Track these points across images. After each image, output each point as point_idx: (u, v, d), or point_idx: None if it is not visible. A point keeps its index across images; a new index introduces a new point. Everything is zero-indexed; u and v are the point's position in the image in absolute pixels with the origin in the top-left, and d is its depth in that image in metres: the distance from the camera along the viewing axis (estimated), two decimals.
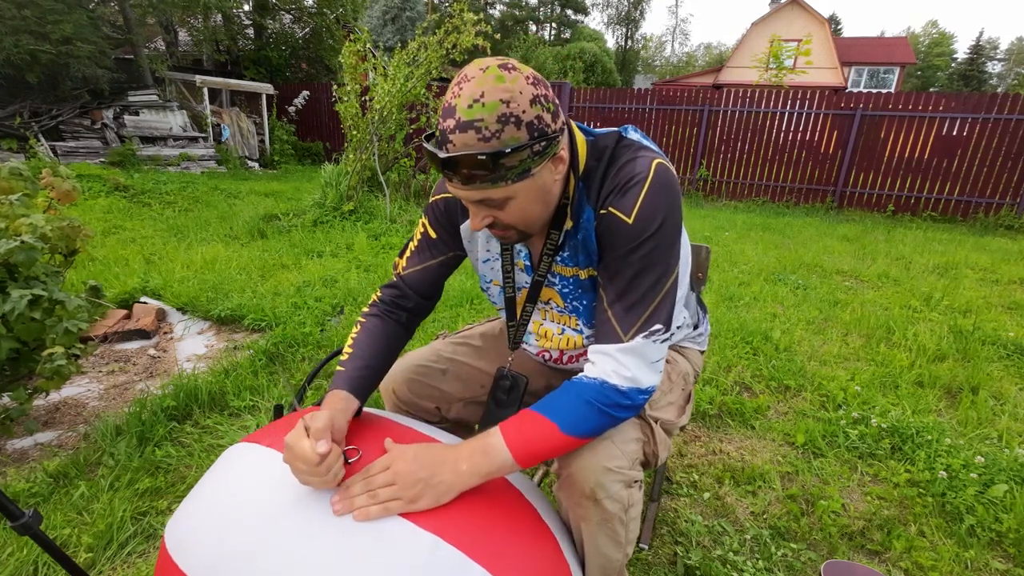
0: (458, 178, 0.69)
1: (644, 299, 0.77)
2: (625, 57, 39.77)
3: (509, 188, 0.71)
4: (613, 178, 0.80)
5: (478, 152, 0.65)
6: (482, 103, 0.65)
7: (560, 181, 0.79)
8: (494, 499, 0.75)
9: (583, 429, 0.75)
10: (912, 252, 4.91)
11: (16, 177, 1.83)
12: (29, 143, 6.99)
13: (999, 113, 6.73)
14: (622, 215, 0.77)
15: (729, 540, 1.39)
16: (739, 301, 3.29)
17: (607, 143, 0.82)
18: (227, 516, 0.70)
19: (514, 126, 0.66)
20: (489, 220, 0.77)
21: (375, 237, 4.49)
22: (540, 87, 0.69)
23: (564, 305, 0.93)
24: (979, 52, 48.49)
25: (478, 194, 0.72)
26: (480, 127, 0.65)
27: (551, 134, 0.70)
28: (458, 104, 0.66)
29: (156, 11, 10.14)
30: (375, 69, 5.40)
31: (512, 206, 0.74)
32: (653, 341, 0.77)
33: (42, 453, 1.66)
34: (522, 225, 0.79)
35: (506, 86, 0.66)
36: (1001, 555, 1.38)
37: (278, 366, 2.19)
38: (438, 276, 0.98)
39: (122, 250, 3.73)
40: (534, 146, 0.68)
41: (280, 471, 0.72)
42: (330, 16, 13.25)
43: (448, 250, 0.97)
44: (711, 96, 8.15)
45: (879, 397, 2.14)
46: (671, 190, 0.78)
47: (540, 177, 0.73)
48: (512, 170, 0.68)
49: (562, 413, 0.75)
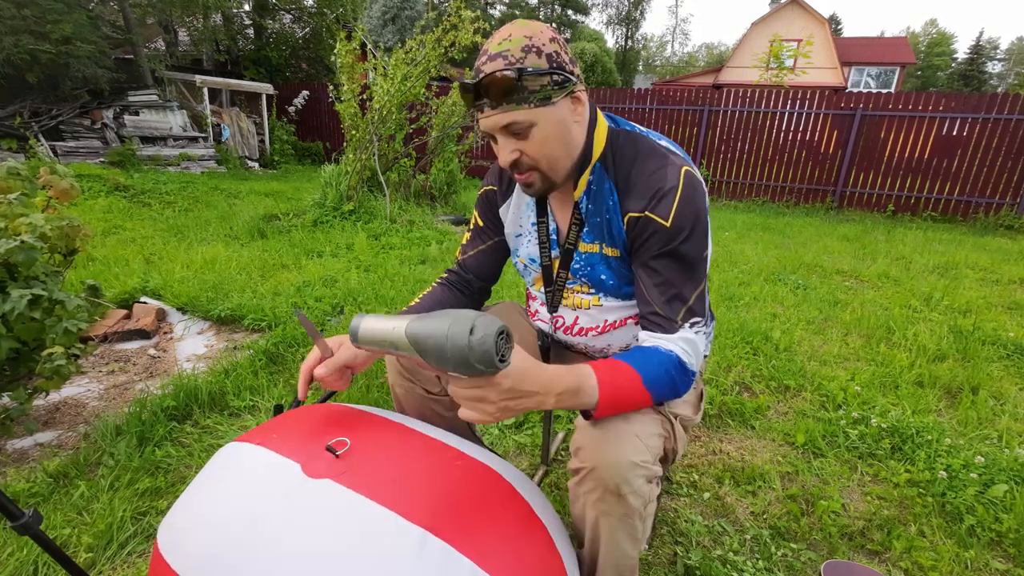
0: (489, 101, 0.79)
1: (683, 293, 0.85)
2: (625, 57, 39.78)
3: (532, 112, 0.79)
4: (645, 181, 0.87)
5: (504, 69, 0.76)
6: (509, 39, 0.78)
7: (581, 130, 0.87)
8: (485, 493, 0.75)
9: (658, 388, 0.80)
10: (912, 252, 4.91)
11: (14, 176, 1.83)
12: (29, 143, 6.99)
13: (999, 113, 6.73)
14: (660, 219, 0.85)
15: (729, 540, 1.39)
16: (739, 301, 3.29)
17: (632, 140, 0.91)
18: (216, 515, 0.70)
19: (535, 55, 0.77)
20: (516, 154, 0.84)
21: (375, 237, 4.49)
22: (560, 36, 0.82)
23: (575, 281, 1.03)
24: (979, 52, 48.49)
25: (506, 117, 0.80)
26: (507, 55, 0.77)
27: (568, 71, 0.80)
28: (490, 46, 0.80)
29: (156, 11, 10.14)
30: (375, 69, 5.40)
31: (536, 135, 0.82)
32: (696, 332, 0.84)
33: (42, 453, 1.66)
34: (545, 164, 0.85)
35: (530, 28, 0.79)
36: (1001, 555, 1.38)
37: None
38: (493, 260, 1.12)
39: (122, 250, 3.73)
40: (553, 75, 0.78)
41: (270, 468, 0.72)
42: (330, 16, 13.25)
43: (495, 235, 1.10)
44: (711, 96, 8.15)
45: (879, 397, 2.14)
46: (699, 194, 0.86)
47: (560, 110, 0.82)
48: (534, 94, 0.78)
49: (646, 367, 0.79)
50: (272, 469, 0.73)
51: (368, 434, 0.80)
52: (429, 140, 6.03)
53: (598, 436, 0.79)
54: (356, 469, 0.73)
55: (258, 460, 0.76)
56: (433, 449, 0.82)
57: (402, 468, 0.75)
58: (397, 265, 3.72)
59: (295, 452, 0.75)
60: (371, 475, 0.72)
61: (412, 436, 0.84)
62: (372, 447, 0.78)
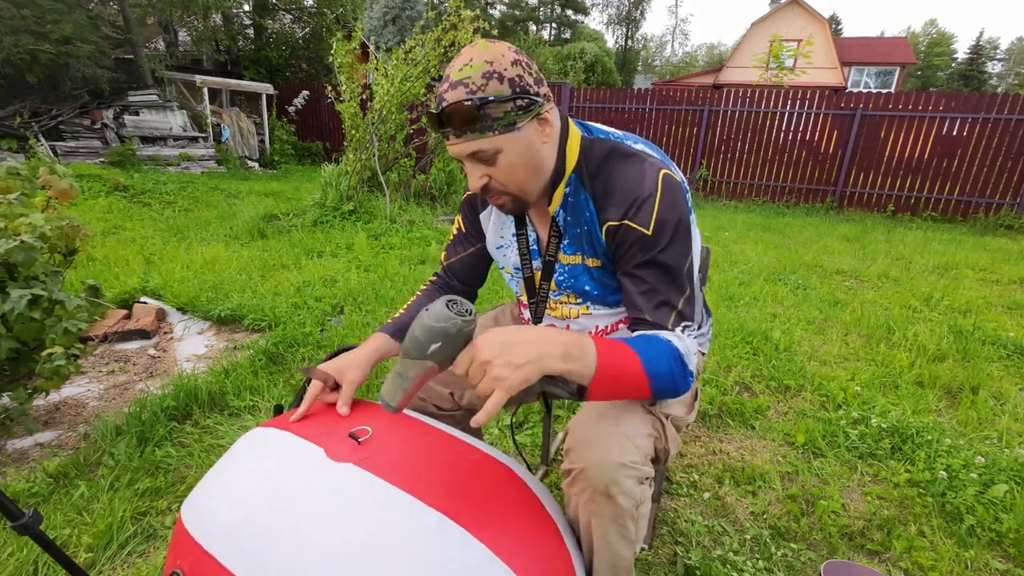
0: (452, 130, 0.78)
1: (671, 299, 0.83)
2: (625, 57, 39.76)
3: (497, 139, 0.78)
4: (622, 189, 0.85)
5: (465, 99, 0.75)
6: (470, 65, 0.76)
7: (550, 149, 0.86)
8: (498, 485, 0.78)
9: (658, 375, 0.76)
10: (912, 252, 4.91)
11: (13, 176, 1.83)
12: (29, 143, 6.99)
13: (999, 113, 6.73)
14: (640, 227, 0.83)
15: (729, 540, 1.39)
16: (739, 301, 3.29)
17: (606, 147, 0.89)
18: (240, 491, 0.73)
19: (497, 81, 0.76)
20: (485, 179, 0.84)
21: (375, 237, 4.49)
22: (523, 56, 0.79)
23: (559, 292, 1.02)
24: (979, 52, 48.48)
25: (470, 146, 0.79)
26: (468, 83, 0.75)
27: (532, 94, 0.78)
28: (451, 71, 0.78)
29: (156, 11, 10.14)
30: (376, 69, 5.40)
31: (503, 161, 0.81)
32: (688, 335, 0.83)
33: (42, 453, 1.66)
34: (514, 187, 0.85)
35: (491, 51, 0.77)
36: (1001, 555, 1.38)
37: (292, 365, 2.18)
38: (476, 264, 1.11)
39: (122, 250, 3.73)
40: (516, 100, 0.77)
41: (294, 451, 0.76)
42: (330, 16, 13.25)
43: (477, 241, 1.09)
44: (711, 96, 8.15)
45: (879, 397, 2.14)
46: (679, 198, 0.85)
47: (525, 134, 0.80)
48: (498, 121, 0.77)
49: (644, 350, 0.77)
50: (296, 452, 0.76)
51: (389, 426, 0.83)
52: (429, 140, 6.03)
53: (587, 438, 0.79)
54: (377, 455, 0.75)
55: (283, 443, 0.79)
56: (449, 443, 0.85)
57: (421, 457, 0.78)
58: (397, 265, 3.72)
59: (319, 438, 0.79)
60: (391, 462, 0.75)
61: (430, 430, 0.87)
62: (392, 437, 0.81)
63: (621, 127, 8.95)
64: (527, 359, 0.68)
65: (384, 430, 0.81)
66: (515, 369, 0.67)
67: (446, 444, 0.84)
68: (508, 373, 0.66)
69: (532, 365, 0.67)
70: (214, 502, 0.73)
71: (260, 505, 0.69)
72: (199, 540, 0.69)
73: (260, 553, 0.64)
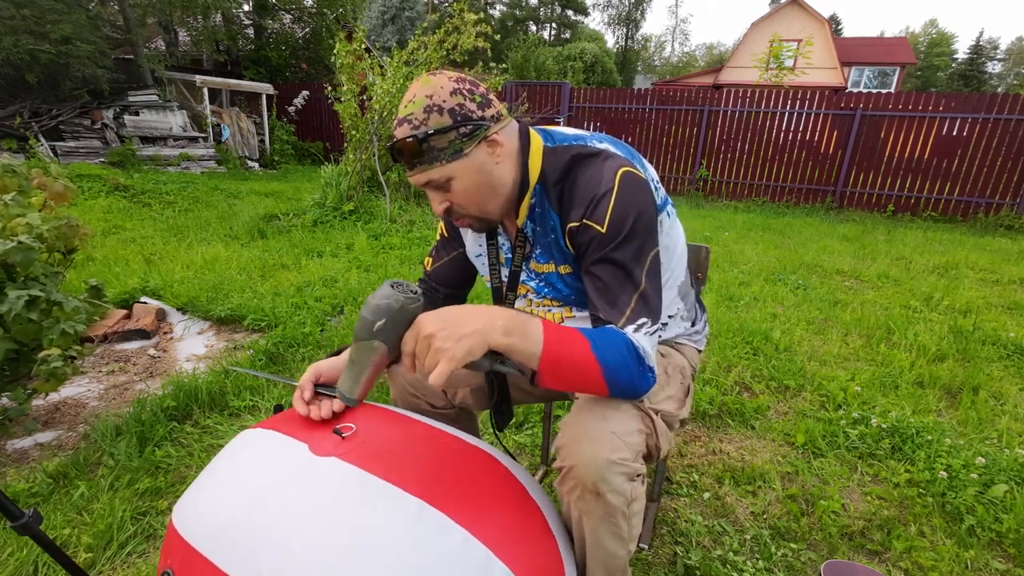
0: (404, 164, 0.82)
1: (623, 297, 0.82)
2: (625, 57, 39.74)
3: (446, 168, 0.81)
4: (581, 190, 0.85)
5: (409, 136, 0.78)
6: (413, 101, 0.79)
7: (506, 167, 0.86)
8: (480, 473, 0.81)
9: (608, 362, 0.76)
10: (912, 252, 4.91)
11: (9, 174, 1.83)
12: (29, 143, 6.99)
13: (999, 113, 6.73)
14: (596, 225, 0.83)
15: (729, 540, 1.39)
16: (739, 301, 3.29)
17: (569, 153, 0.88)
18: (227, 490, 0.75)
19: (437, 113, 0.78)
20: (445, 204, 0.86)
21: (375, 237, 4.49)
22: (464, 83, 0.81)
23: (539, 297, 1.03)
24: (979, 52, 48.49)
25: (423, 176, 0.83)
26: (411, 119, 0.79)
27: (476, 119, 0.80)
28: (400, 107, 0.82)
29: (156, 11, 10.14)
30: (373, 69, 5.40)
31: (456, 187, 0.84)
32: (645, 334, 0.81)
33: (42, 453, 1.66)
34: (475, 209, 0.87)
35: (431, 85, 0.80)
36: (1001, 555, 1.38)
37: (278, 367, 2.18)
38: (459, 269, 1.11)
39: (122, 250, 3.73)
40: (459, 128, 0.79)
41: (280, 448, 0.78)
42: (330, 16, 13.26)
43: (459, 246, 1.09)
44: (711, 96, 8.15)
45: (879, 397, 2.14)
46: (638, 193, 0.84)
47: (475, 158, 0.82)
48: (444, 151, 0.80)
49: (595, 338, 0.77)
50: (282, 449, 0.78)
51: (374, 422, 0.85)
52: None
53: (576, 435, 0.79)
54: (360, 449, 0.77)
55: (269, 442, 0.81)
56: (434, 435, 0.86)
57: (404, 449, 0.80)
58: (397, 265, 3.72)
59: (304, 435, 0.80)
60: (374, 454, 0.77)
61: (415, 424, 0.88)
62: (377, 432, 0.83)
63: (621, 127, 8.96)
64: (471, 330, 0.70)
65: (369, 426, 0.83)
66: (457, 341, 0.69)
67: (431, 436, 0.85)
68: (451, 345, 0.68)
69: (475, 336, 0.70)
70: (202, 502, 0.75)
71: (246, 502, 0.71)
72: (188, 539, 0.71)
73: (247, 548, 0.66)
